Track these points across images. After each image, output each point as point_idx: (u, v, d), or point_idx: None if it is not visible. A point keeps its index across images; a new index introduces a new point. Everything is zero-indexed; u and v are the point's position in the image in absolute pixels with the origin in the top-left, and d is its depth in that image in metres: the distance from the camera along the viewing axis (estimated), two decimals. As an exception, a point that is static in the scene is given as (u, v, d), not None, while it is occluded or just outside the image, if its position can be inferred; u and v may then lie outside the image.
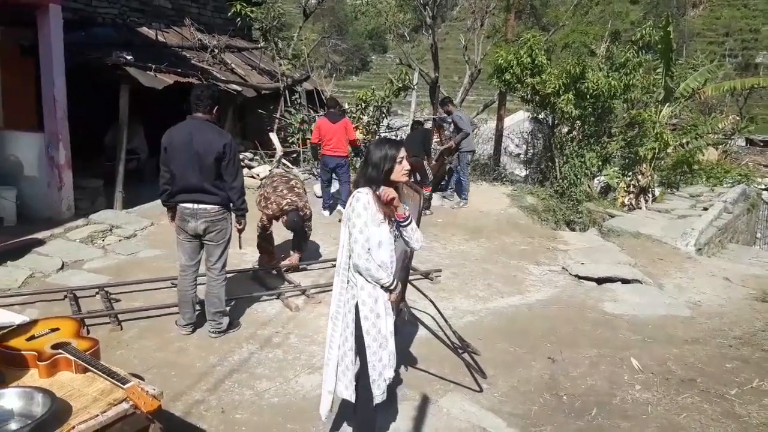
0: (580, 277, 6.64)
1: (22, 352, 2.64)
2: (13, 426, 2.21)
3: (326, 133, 8.52)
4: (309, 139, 12.54)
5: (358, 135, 11.12)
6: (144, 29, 10.26)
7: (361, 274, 2.90)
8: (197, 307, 4.69)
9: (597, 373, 4.35)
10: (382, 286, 2.93)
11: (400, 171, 2.92)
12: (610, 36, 13.89)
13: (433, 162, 10.15)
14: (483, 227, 8.69)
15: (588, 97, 10.61)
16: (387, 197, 2.86)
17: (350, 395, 3.03)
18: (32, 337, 2.74)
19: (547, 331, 5.11)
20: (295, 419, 3.55)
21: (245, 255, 6.31)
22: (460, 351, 4.41)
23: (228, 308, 4.84)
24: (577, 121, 11.24)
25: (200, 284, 4.68)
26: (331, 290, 5.59)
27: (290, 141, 12.36)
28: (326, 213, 8.76)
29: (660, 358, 4.61)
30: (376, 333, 2.93)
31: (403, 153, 2.93)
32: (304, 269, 6.36)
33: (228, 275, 4.81)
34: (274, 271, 6.14)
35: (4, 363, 2.61)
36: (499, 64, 11.07)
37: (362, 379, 3.00)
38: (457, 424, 3.59)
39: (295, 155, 12.13)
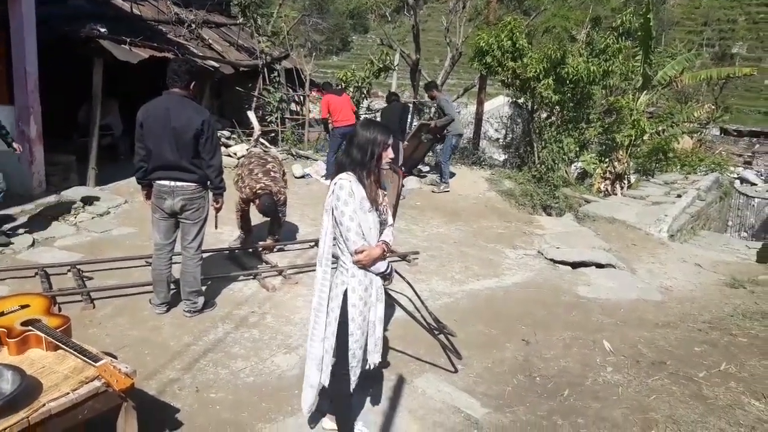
0: (555, 261, 6.72)
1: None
2: (-19, 403, 2.16)
3: (335, 107, 9.52)
4: (288, 118, 12.48)
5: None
6: (118, 1, 10.01)
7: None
8: (172, 286, 4.64)
9: (570, 355, 4.42)
10: (378, 273, 2.90)
11: (385, 159, 2.87)
12: (591, 22, 13.94)
13: (406, 142, 9.92)
14: (461, 211, 8.73)
15: (567, 82, 10.67)
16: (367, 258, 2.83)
17: (325, 378, 2.98)
18: (1, 314, 2.69)
19: (522, 313, 5.17)
20: (271, 398, 3.55)
21: (221, 234, 6.24)
22: (436, 332, 4.44)
23: (204, 288, 4.79)
24: (557, 107, 11.31)
25: (176, 263, 4.62)
26: (308, 271, 5.65)
27: (268, 120, 12.24)
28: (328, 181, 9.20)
29: (631, 341, 4.70)
30: (362, 321, 2.90)
31: (391, 140, 2.88)
32: (281, 250, 6.33)
33: (204, 255, 4.76)
34: (251, 251, 6.10)
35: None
36: (480, 47, 11.05)
37: (339, 364, 2.97)
38: (432, 404, 3.63)
39: (273, 134, 12.01)
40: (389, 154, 2.89)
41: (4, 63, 7.12)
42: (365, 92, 13.25)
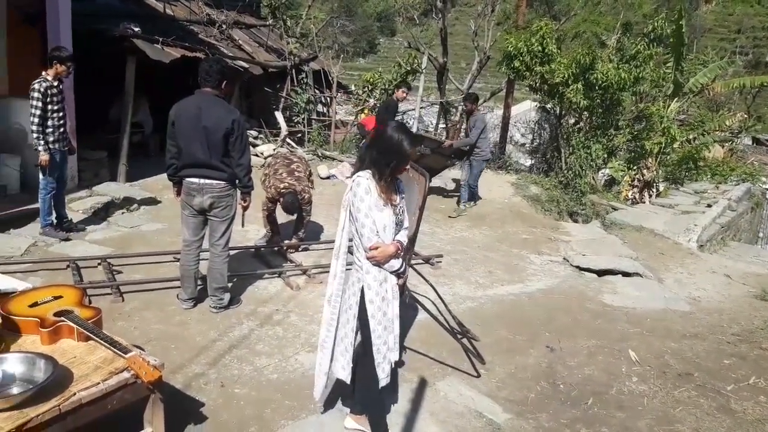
0: (581, 269, 6.64)
1: (25, 318, 2.65)
2: (15, 390, 2.23)
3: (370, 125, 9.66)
4: (314, 119, 12.60)
5: (361, 116, 12.03)
6: (151, 1, 10.17)
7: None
8: (199, 282, 4.70)
9: (594, 364, 4.37)
10: (392, 272, 2.93)
11: (401, 172, 2.91)
12: (622, 27, 13.76)
13: None
14: (486, 215, 8.68)
15: (597, 88, 10.53)
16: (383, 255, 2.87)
17: (346, 376, 3.04)
18: (35, 304, 2.75)
19: (546, 320, 5.13)
20: (294, 396, 3.57)
21: (248, 232, 6.31)
22: (459, 336, 4.43)
23: (229, 285, 4.84)
24: (585, 112, 11.18)
25: (203, 260, 4.68)
26: (332, 271, 5.66)
27: (295, 120, 12.33)
28: None
29: (658, 352, 4.63)
30: (382, 317, 2.92)
31: (413, 154, 2.88)
32: (306, 249, 6.36)
33: (231, 252, 4.81)
34: (276, 250, 6.15)
35: (6, 328, 2.62)
36: (509, 51, 10.98)
37: (366, 362, 3.00)
38: (453, 408, 3.61)
39: (299, 135, 12.10)
40: (407, 167, 2.91)
41: (39, 58, 7.28)
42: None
